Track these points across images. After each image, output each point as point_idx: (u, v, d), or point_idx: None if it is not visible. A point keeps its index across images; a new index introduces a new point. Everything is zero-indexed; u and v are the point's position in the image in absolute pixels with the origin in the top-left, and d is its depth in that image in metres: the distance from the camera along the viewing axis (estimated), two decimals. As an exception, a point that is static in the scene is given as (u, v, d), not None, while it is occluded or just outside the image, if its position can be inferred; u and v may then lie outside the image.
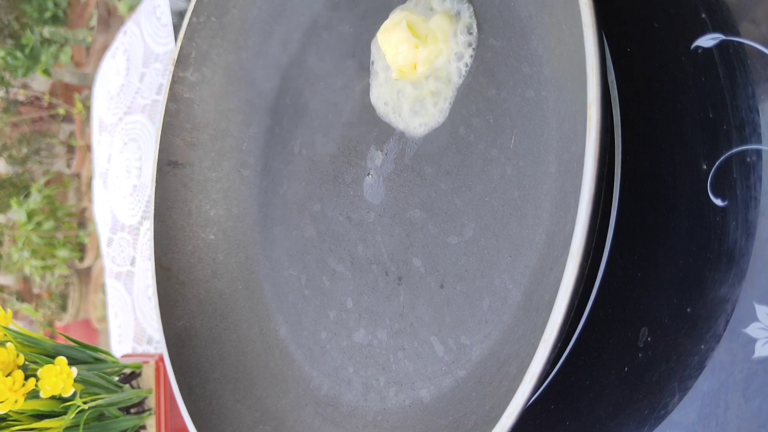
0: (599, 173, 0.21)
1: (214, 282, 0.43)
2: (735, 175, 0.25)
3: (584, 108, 0.22)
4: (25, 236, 1.49)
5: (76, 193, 1.66)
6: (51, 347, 0.42)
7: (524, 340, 0.26)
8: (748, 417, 0.24)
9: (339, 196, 0.38)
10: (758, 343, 0.24)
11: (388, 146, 0.36)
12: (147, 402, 0.46)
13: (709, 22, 0.26)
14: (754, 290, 0.24)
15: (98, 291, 1.51)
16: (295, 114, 0.42)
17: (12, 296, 1.67)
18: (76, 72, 1.65)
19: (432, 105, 0.33)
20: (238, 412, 0.38)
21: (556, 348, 0.21)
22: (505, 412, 0.22)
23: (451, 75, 0.33)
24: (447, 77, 0.33)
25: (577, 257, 0.21)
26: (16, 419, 0.39)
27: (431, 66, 0.33)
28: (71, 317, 1.57)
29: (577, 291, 0.21)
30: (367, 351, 0.35)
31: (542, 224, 0.28)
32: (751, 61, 0.25)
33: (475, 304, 0.30)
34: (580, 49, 0.22)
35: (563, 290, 0.21)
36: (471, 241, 0.31)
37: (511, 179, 0.30)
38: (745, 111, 0.25)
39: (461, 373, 0.30)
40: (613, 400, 0.27)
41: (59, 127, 1.71)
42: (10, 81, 1.62)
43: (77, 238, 1.56)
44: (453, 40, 0.33)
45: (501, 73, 0.31)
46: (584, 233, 0.21)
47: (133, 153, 0.62)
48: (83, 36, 1.59)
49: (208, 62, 0.44)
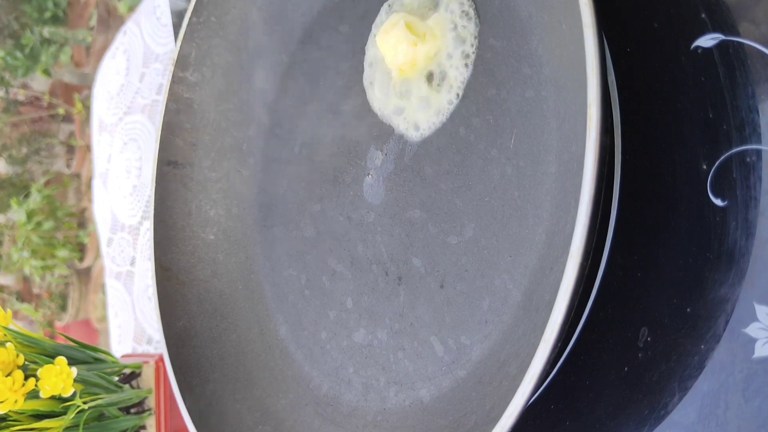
0: (599, 173, 0.21)
1: (214, 282, 0.43)
2: (735, 175, 0.25)
3: (584, 108, 0.22)
4: (25, 236, 1.49)
5: (76, 193, 1.66)
6: (51, 347, 0.42)
7: (524, 340, 0.26)
8: (748, 417, 0.24)
9: (339, 196, 0.38)
10: (758, 343, 0.24)
11: (387, 146, 0.36)
12: (147, 402, 0.46)
13: (708, 22, 0.26)
14: (754, 290, 0.24)
15: (98, 291, 1.51)
16: (295, 114, 0.42)
17: (12, 296, 1.67)
18: (75, 72, 1.65)
19: (432, 105, 0.33)
20: (237, 411, 0.38)
21: (556, 348, 0.21)
22: (505, 412, 0.23)
23: (451, 75, 0.33)
24: (447, 78, 0.33)
25: (577, 257, 0.21)
26: (16, 419, 0.39)
27: (432, 62, 0.33)
28: (71, 317, 1.57)
29: (577, 291, 0.21)
30: (367, 351, 0.35)
31: (542, 224, 0.28)
32: (751, 61, 0.25)
33: (475, 304, 0.30)
34: (580, 50, 0.22)
35: (563, 290, 0.21)
36: (471, 241, 0.31)
37: (511, 179, 0.30)
38: (745, 111, 0.25)
39: (461, 372, 0.30)
40: (613, 400, 0.27)
41: (59, 127, 1.71)
42: (10, 81, 1.62)
43: (77, 238, 1.56)
44: (452, 38, 0.33)
45: (501, 73, 0.31)
46: (584, 233, 0.21)
47: (133, 153, 0.62)
48: (83, 36, 1.59)
49: (208, 62, 0.44)
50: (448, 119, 0.33)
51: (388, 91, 0.35)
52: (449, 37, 0.33)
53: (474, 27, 0.32)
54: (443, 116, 0.33)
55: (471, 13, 0.32)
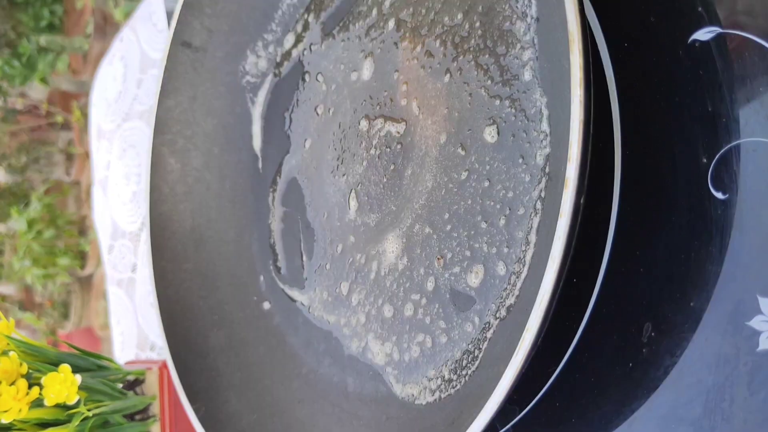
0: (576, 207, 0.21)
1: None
2: (735, 168, 0.25)
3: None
4: (26, 245, 1.49)
5: (76, 200, 1.66)
6: (54, 355, 0.42)
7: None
8: (753, 410, 0.24)
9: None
10: (762, 335, 0.24)
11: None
12: (151, 408, 0.46)
13: (705, 16, 0.26)
14: (757, 283, 0.24)
15: (100, 298, 1.51)
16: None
17: (14, 305, 1.67)
18: (73, 80, 1.65)
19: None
20: (242, 414, 0.38)
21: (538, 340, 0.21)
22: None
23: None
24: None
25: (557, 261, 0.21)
26: (21, 428, 0.39)
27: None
28: (74, 325, 1.57)
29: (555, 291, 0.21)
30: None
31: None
32: (748, 54, 0.25)
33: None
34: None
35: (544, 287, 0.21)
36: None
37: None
38: (744, 103, 0.25)
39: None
40: (619, 396, 0.27)
41: (57, 135, 1.71)
42: (7, 90, 1.63)
43: (78, 246, 1.56)
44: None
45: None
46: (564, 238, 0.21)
47: (132, 159, 0.62)
48: (80, 44, 1.59)
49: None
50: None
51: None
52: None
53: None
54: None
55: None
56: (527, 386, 0.30)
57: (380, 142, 0.36)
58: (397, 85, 0.35)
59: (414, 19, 0.35)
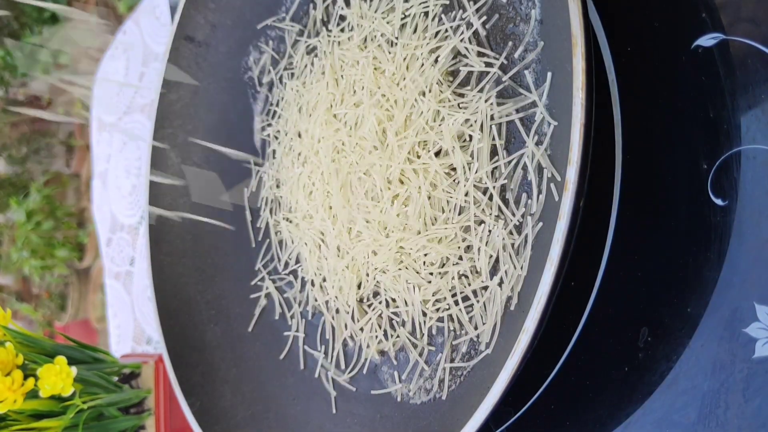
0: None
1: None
2: (735, 175, 0.25)
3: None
4: (25, 236, 1.49)
5: (76, 192, 1.66)
6: (50, 347, 0.42)
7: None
8: (748, 416, 0.24)
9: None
10: (758, 343, 0.24)
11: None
12: (146, 402, 0.46)
13: (709, 22, 0.26)
14: (754, 290, 0.24)
15: (97, 291, 1.51)
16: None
17: (11, 296, 1.67)
18: (75, 71, 1.65)
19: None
20: (236, 408, 0.38)
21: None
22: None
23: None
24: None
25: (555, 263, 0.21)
26: (15, 419, 0.39)
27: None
28: (70, 317, 1.57)
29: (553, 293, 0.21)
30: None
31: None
32: (751, 61, 0.25)
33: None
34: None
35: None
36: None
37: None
38: (745, 110, 0.25)
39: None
40: (614, 400, 0.27)
41: (58, 126, 1.71)
42: (9, 81, 1.62)
43: (76, 238, 1.56)
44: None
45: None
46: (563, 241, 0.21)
47: (132, 153, 0.62)
48: (83, 35, 1.59)
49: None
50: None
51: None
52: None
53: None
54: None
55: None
56: (523, 388, 0.30)
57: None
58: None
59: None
